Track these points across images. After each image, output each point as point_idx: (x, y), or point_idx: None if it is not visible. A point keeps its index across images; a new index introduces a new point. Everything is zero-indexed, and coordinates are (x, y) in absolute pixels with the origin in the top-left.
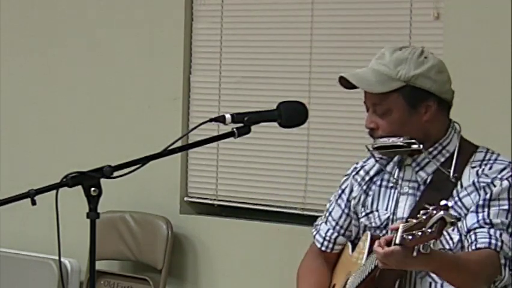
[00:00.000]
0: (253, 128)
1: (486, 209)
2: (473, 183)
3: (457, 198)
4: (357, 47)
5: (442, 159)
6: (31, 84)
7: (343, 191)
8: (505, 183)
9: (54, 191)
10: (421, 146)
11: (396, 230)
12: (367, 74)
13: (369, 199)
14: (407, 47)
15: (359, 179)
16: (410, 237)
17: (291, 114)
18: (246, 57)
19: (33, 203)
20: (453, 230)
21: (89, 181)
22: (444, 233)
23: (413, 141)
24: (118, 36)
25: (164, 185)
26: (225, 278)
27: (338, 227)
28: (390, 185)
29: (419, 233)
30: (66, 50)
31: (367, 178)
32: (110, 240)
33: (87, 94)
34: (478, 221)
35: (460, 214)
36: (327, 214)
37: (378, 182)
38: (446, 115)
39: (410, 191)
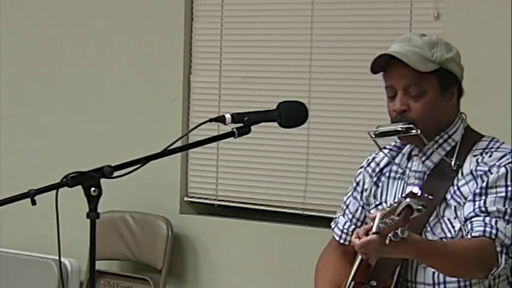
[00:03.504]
0: (253, 128)
1: (483, 197)
2: (471, 171)
3: (456, 187)
4: (357, 47)
5: (448, 148)
6: (31, 84)
7: (357, 184)
8: (502, 170)
9: (54, 191)
10: (419, 131)
11: (374, 218)
12: (407, 53)
13: (379, 190)
14: (425, 34)
15: (370, 171)
16: (382, 225)
17: (291, 114)
18: (246, 57)
19: (33, 203)
20: (455, 218)
21: (89, 181)
22: (446, 220)
23: (411, 126)
24: (118, 36)
25: (164, 185)
26: (225, 278)
27: (354, 220)
28: (398, 176)
29: (390, 221)
30: (66, 50)
31: (377, 170)
32: (110, 240)
33: (87, 94)
34: (473, 210)
35: (459, 203)
36: (345, 207)
37: (387, 174)
38: (458, 103)
39: (416, 181)
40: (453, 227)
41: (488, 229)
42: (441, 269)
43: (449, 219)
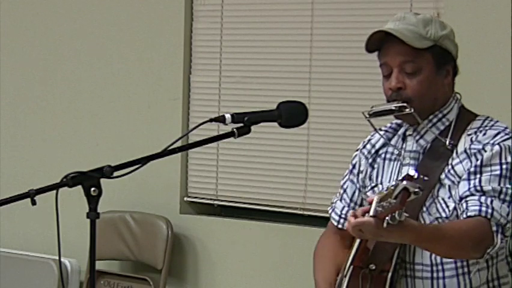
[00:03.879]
0: (253, 128)
1: (478, 176)
2: (465, 150)
3: (450, 166)
4: (357, 47)
5: (442, 127)
6: (31, 84)
7: (354, 166)
8: (496, 148)
9: (54, 191)
10: (412, 109)
11: (371, 202)
12: (402, 30)
13: (375, 172)
14: (419, 13)
15: (365, 153)
16: (379, 208)
17: (291, 114)
18: (246, 57)
19: (33, 203)
20: (449, 197)
21: (89, 181)
22: (441, 200)
23: (405, 104)
24: (118, 36)
25: (164, 185)
26: (225, 278)
27: (352, 204)
28: (394, 157)
29: (387, 204)
30: (66, 50)
31: (373, 151)
32: (110, 240)
33: (87, 94)
34: (469, 189)
35: (453, 182)
36: (342, 191)
37: (383, 155)
38: (453, 82)
39: (412, 162)
40: (447, 206)
41: (483, 208)
42: (438, 251)
43: (443, 199)
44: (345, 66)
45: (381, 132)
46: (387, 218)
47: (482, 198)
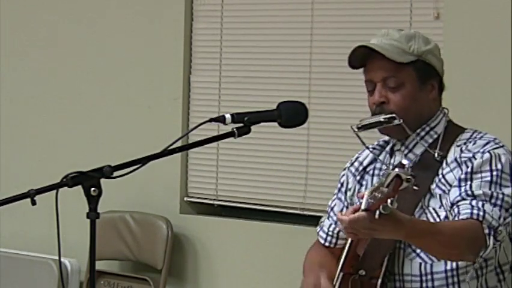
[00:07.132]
0: (253, 128)
1: (468, 182)
2: (455, 159)
3: (441, 176)
4: None
5: (430, 140)
6: (31, 84)
7: (341, 185)
8: (486, 155)
9: (54, 191)
10: (401, 120)
11: (363, 197)
12: (384, 45)
13: (363, 189)
14: (402, 29)
15: (353, 170)
16: (371, 200)
17: (291, 114)
18: (246, 57)
19: (33, 203)
20: (440, 207)
21: (89, 181)
22: (431, 210)
23: (394, 115)
24: (118, 37)
25: (164, 185)
26: (225, 278)
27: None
28: (382, 173)
29: (379, 194)
30: (66, 50)
31: (361, 168)
32: (110, 240)
33: (87, 94)
34: (460, 194)
35: (444, 191)
36: (329, 209)
37: (371, 172)
38: (440, 97)
39: None
40: (438, 215)
41: (475, 211)
42: (432, 249)
43: (434, 209)
44: (345, 66)
45: (370, 149)
46: (379, 208)
47: (474, 202)
